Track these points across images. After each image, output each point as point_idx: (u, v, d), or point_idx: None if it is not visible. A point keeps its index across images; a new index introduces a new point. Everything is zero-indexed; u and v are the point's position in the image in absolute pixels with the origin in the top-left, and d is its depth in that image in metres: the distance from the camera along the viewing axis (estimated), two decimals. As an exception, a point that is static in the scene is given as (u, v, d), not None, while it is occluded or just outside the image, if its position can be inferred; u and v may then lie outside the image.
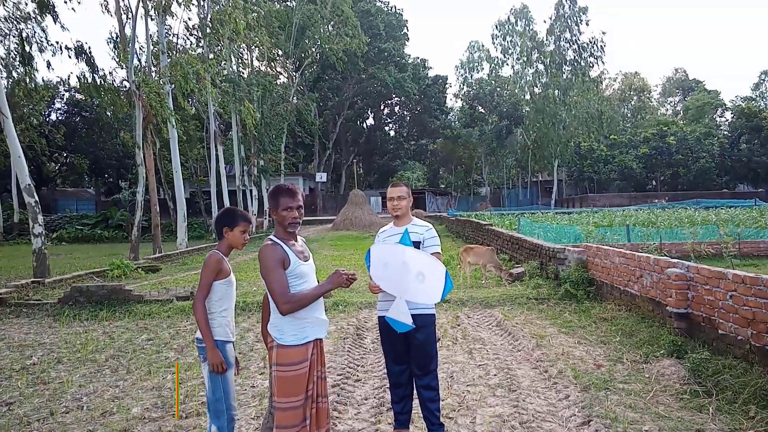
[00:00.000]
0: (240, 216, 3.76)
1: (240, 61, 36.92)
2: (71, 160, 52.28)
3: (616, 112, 60.81)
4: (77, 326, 8.59)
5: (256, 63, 39.32)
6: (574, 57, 51.16)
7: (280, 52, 41.85)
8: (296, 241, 3.34)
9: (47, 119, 47.77)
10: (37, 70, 33.95)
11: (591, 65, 51.97)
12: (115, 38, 23.52)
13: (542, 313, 8.73)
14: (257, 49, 37.82)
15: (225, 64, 32.21)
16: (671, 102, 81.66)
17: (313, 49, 43.77)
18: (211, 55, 29.19)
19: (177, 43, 31.93)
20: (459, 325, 8.11)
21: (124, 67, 22.88)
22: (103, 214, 39.52)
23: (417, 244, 4.10)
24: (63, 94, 49.99)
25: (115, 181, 54.42)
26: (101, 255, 22.30)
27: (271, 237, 3.24)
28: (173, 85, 21.81)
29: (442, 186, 67.11)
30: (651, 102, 74.21)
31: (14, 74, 34.91)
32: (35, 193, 13.61)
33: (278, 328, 3.18)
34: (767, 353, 5.05)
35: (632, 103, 70.38)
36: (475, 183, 66.43)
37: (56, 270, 15.67)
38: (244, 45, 35.39)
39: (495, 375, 5.79)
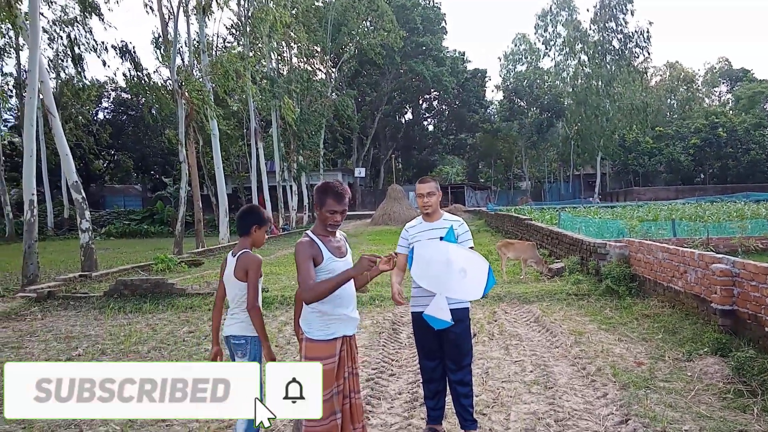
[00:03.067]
0: (267, 216, 3.89)
1: (279, 58, 37.33)
2: (118, 158, 53.86)
3: (662, 103, 59.04)
4: (122, 318, 8.85)
5: (294, 60, 39.71)
6: (619, 47, 49.83)
7: (318, 49, 42.13)
8: (334, 236, 3.35)
9: (95, 118, 49.24)
10: (84, 69, 34.95)
11: (636, 55, 50.56)
12: (157, 38, 23.98)
13: (582, 310, 8.57)
14: (296, 46, 38.19)
15: (264, 61, 32.63)
16: (717, 92, 78.86)
17: (351, 45, 43.87)
18: (251, 53, 29.61)
19: (217, 42, 32.46)
20: (496, 321, 8.03)
21: (167, 65, 23.39)
22: (149, 210, 40.61)
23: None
24: (110, 94, 51.50)
25: (161, 178, 55.84)
26: (147, 249, 22.91)
27: (308, 232, 3.28)
28: (214, 84, 22.22)
29: (482, 180, 66.53)
30: (698, 93, 71.75)
31: (62, 75, 36.20)
32: (82, 190, 14.06)
33: (307, 322, 3.23)
34: (818, 353, 4.84)
35: (679, 93, 68.23)
36: (515, 177, 65.74)
37: (103, 264, 16.18)
38: (283, 42, 35.78)
39: (531, 371, 5.71)
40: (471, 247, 4.15)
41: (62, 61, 36.45)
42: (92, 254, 13.83)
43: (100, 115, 52.68)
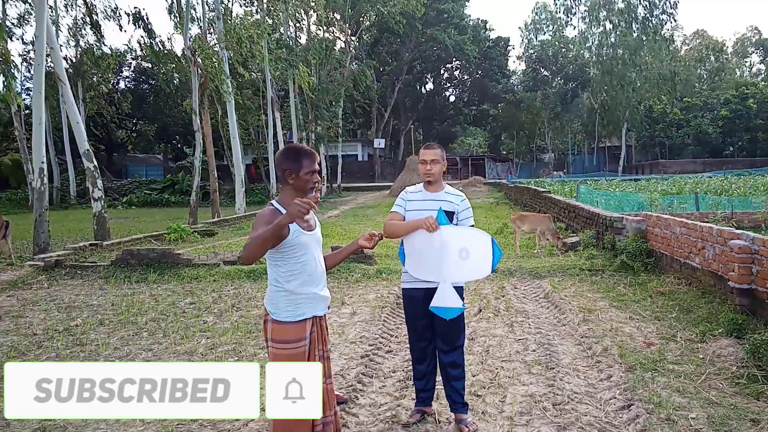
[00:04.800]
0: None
1: (297, 26, 36.81)
2: (140, 127, 54.15)
3: (691, 73, 57.12)
4: (126, 288, 8.79)
5: (313, 28, 39.13)
6: (645, 14, 48.10)
7: (338, 16, 41.40)
8: None
9: (116, 87, 49.36)
10: (102, 36, 34.91)
11: (663, 23, 48.75)
12: (171, 4, 23.67)
13: (594, 286, 8.27)
14: (314, 13, 37.57)
15: (282, 29, 32.16)
16: (748, 63, 76.13)
17: (371, 12, 43.00)
18: (268, 20, 29.18)
19: (233, 9, 32.01)
20: (503, 296, 7.79)
21: (180, 32, 23.12)
22: (170, 180, 40.77)
23: (450, 215, 3.80)
24: (131, 63, 51.47)
25: (182, 147, 55.99)
26: (166, 219, 22.95)
27: (273, 202, 3.00)
28: (230, 51, 21.94)
29: (504, 152, 65.58)
30: (729, 64, 69.23)
31: (82, 42, 36.16)
32: (94, 159, 13.99)
33: (273, 302, 2.98)
34: (841, 337, 4.52)
35: (709, 63, 65.96)
36: (539, 149, 64.63)
37: (119, 233, 16.25)
38: (300, 9, 35.21)
39: (534, 351, 5.47)
40: (471, 225, 3.90)
41: (81, 28, 36.50)
42: (105, 223, 13.83)
43: (122, 84, 52.85)
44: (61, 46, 34.39)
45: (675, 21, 49.67)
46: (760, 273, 5.73)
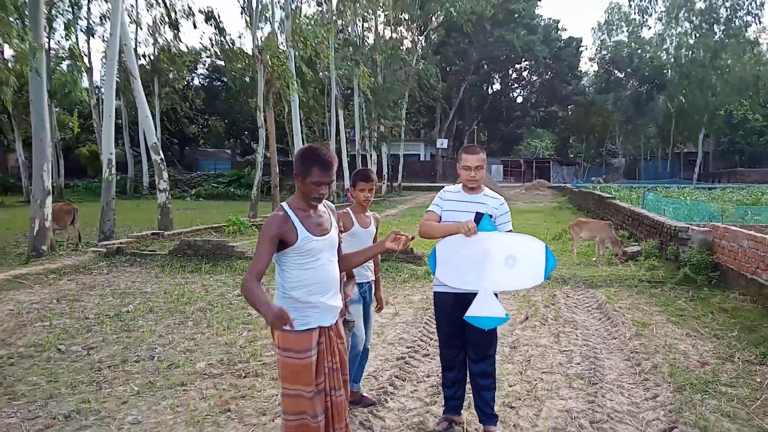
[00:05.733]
0: (358, 176, 4.10)
1: (365, 25, 37.01)
2: (211, 123, 55.99)
3: (776, 77, 53.63)
4: (180, 278, 9.05)
5: (380, 27, 39.25)
6: (728, 15, 45.51)
7: (406, 16, 41.36)
8: (316, 210, 2.90)
9: (190, 84, 51.24)
10: (179, 32, 36.19)
11: (747, 24, 45.96)
12: (243, 4, 24.30)
13: (653, 299, 7.85)
14: (383, 14, 37.68)
15: (350, 28, 32.46)
16: None
17: (439, 12, 42.71)
18: (339, 22, 29.48)
19: (302, 8, 32.49)
20: (554, 305, 7.51)
21: (250, 31, 23.69)
22: (236, 173, 41.95)
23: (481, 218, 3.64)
24: (205, 61, 53.29)
25: (250, 143, 57.56)
26: (229, 212, 23.60)
27: (284, 204, 2.85)
28: (296, 50, 22.30)
29: (571, 156, 63.82)
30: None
31: (160, 41, 37.71)
32: (161, 151, 14.54)
33: None
34: None
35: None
36: (609, 153, 62.51)
37: (183, 224, 16.80)
38: (369, 9, 35.39)
39: (578, 363, 5.23)
40: (509, 230, 3.76)
41: (159, 27, 38.08)
42: (168, 213, 14.34)
43: (195, 81, 54.82)
44: (140, 43, 36.24)
45: (760, 22, 46.81)
46: (834, 294, 5.27)
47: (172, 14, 34.63)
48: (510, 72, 59.45)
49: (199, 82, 55.13)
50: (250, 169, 41.24)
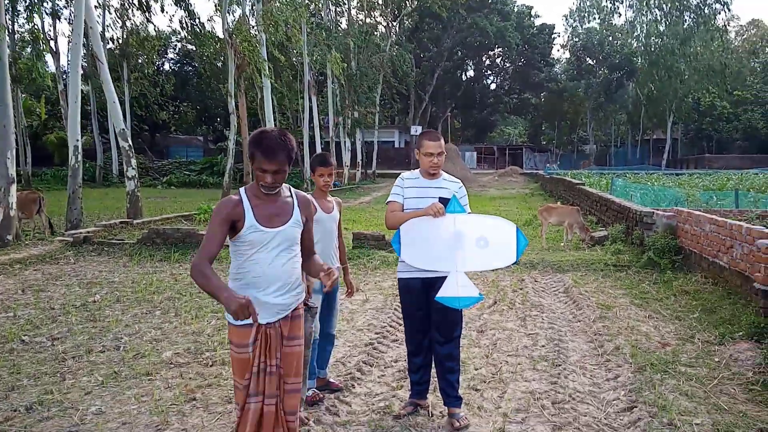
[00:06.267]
0: (316, 161, 4.12)
1: (338, 9, 36.66)
2: (182, 109, 55.09)
3: (743, 65, 54.67)
4: (148, 267, 8.95)
5: (354, 12, 38.97)
6: (698, 3, 46.17)
7: (380, 1, 41.11)
8: (274, 200, 2.71)
9: (160, 69, 50.26)
10: (151, 14, 35.36)
11: (716, 12, 46.69)
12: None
13: (618, 282, 8.03)
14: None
15: (322, 13, 32.15)
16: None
17: (413, -4, 42.55)
18: (312, 6, 29.16)
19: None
20: (521, 289, 7.62)
21: (219, 14, 23.32)
22: (208, 161, 41.39)
23: (446, 202, 3.69)
24: (175, 45, 52.30)
25: (222, 130, 56.83)
26: (202, 200, 23.33)
27: (242, 189, 2.72)
28: (267, 35, 22.02)
29: (544, 142, 64.42)
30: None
31: (128, 24, 36.83)
32: (129, 138, 14.29)
33: None
34: None
35: (763, 55, 63.03)
36: (580, 140, 63.22)
37: (154, 212, 16.57)
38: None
39: (543, 346, 5.33)
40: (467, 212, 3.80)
41: (127, 10, 37.15)
42: (137, 201, 14.13)
43: (166, 66, 53.81)
44: (108, 26, 35.32)
45: (729, 10, 47.58)
46: (788, 275, 5.44)
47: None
48: (483, 59, 59.54)
49: (170, 67, 54.15)
50: (222, 157, 40.75)
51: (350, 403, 4.09)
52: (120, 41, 37.31)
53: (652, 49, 47.82)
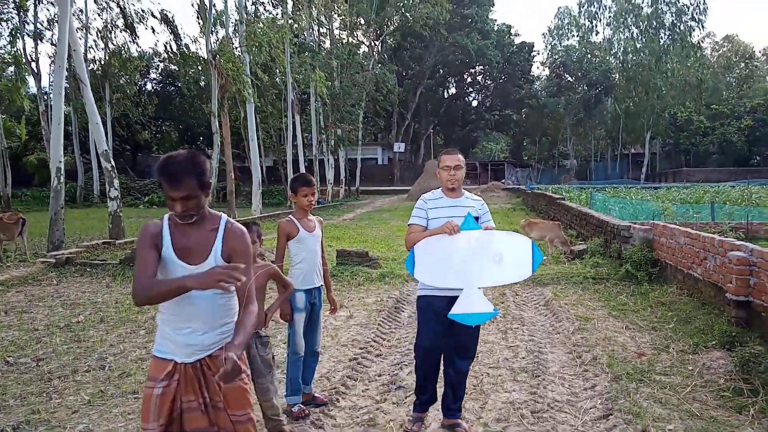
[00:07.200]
0: (299, 182, 4.21)
1: (321, 30, 37.02)
2: (164, 129, 54.97)
3: (719, 80, 56.01)
4: (131, 287, 8.94)
5: (337, 32, 39.38)
6: (673, 20, 47.38)
7: (362, 21, 41.60)
8: (197, 227, 2.43)
9: (143, 89, 50.22)
10: (137, 36, 35.40)
11: (691, 29, 47.95)
12: (198, 7, 24.05)
13: (596, 294, 8.21)
14: (339, 18, 37.80)
15: (306, 33, 32.45)
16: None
17: (395, 17, 43.11)
18: (291, 22, 29.41)
19: (257, 12, 32.30)
20: (503, 303, 7.77)
21: (203, 36, 23.52)
22: (191, 180, 41.27)
23: (474, 220, 3.73)
24: (158, 65, 52.33)
25: (205, 149, 56.75)
26: (183, 219, 23.36)
27: (166, 216, 2.46)
28: (251, 55, 22.22)
29: (525, 158, 65.17)
30: (758, 71, 67.76)
31: (110, 45, 36.85)
32: (111, 159, 14.29)
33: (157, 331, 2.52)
34: (832, 352, 4.43)
35: (738, 70, 64.64)
36: (561, 155, 64.07)
37: (134, 232, 16.50)
38: (323, 14, 35.45)
39: (523, 358, 5.46)
40: (491, 228, 3.83)
41: (110, 31, 37.17)
42: (120, 221, 14.10)
43: (148, 86, 53.75)
44: (90, 47, 35.32)
45: (703, 27, 48.88)
46: (757, 285, 5.64)
47: (128, 18, 34.00)
48: (465, 76, 60.39)
49: (152, 87, 54.10)
50: (206, 176, 40.63)
51: (335, 416, 4.17)
52: (102, 62, 37.30)
53: (630, 65, 48.94)
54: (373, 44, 44.35)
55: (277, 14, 35.26)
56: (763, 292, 5.49)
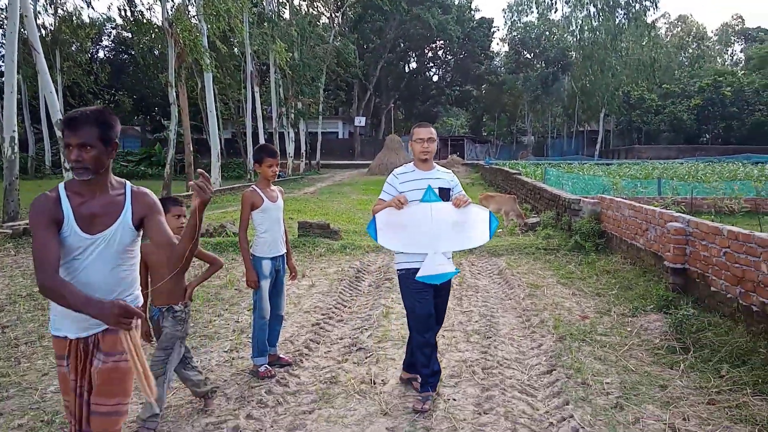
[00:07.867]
0: (264, 152, 4.33)
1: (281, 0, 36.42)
2: (118, 98, 53.43)
3: (671, 60, 57.58)
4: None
5: (296, 2, 38.78)
6: (628, 0, 48.37)
7: (322, -9, 41.10)
8: (97, 196, 2.31)
9: (94, 57, 48.59)
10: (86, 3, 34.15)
11: (646, 9, 49.03)
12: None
13: (547, 264, 8.65)
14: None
15: (265, 2, 31.87)
16: (730, 52, 76.92)
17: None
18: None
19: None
20: (460, 272, 8.11)
21: (159, 2, 22.88)
22: (147, 151, 40.45)
23: (447, 192, 3.96)
24: (110, 32, 50.65)
25: (161, 119, 55.40)
26: (139, 191, 22.99)
27: (60, 185, 2.34)
28: (208, 24, 21.78)
29: (485, 134, 65.92)
30: (710, 51, 69.89)
31: (60, 11, 35.46)
32: (67, 129, 13.98)
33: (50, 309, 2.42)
34: (753, 312, 4.90)
35: (690, 50, 66.50)
36: (519, 131, 65.03)
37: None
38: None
39: (476, 321, 5.80)
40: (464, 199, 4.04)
41: (59, -4, 35.70)
42: (76, 193, 13.88)
43: (101, 54, 52.06)
44: (39, 13, 33.89)
45: (657, 8, 50.03)
46: (692, 254, 6.10)
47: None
48: (426, 51, 60.35)
49: (105, 55, 52.43)
50: (161, 147, 39.89)
51: (299, 375, 4.42)
52: (52, 28, 35.89)
53: (586, 44, 49.79)
54: (333, 16, 43.88)
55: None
56: (697, 260, 5.96)
